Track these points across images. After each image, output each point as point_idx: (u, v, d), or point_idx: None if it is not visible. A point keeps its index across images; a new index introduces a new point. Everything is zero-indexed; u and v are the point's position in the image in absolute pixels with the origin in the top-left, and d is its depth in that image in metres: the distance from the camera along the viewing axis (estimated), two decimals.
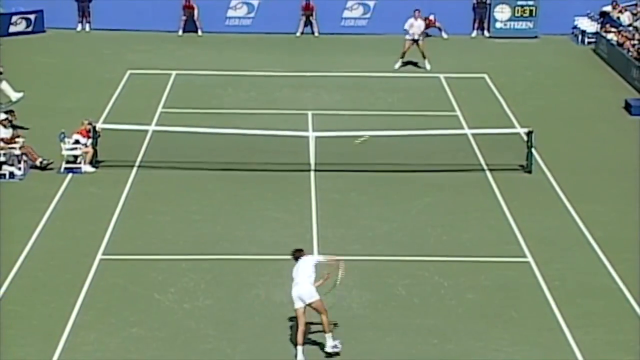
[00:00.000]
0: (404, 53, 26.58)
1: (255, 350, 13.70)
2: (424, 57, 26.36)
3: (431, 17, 29.94)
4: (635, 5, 29.68)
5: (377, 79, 26.34)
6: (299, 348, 13.32)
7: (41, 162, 19.71)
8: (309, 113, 23.26)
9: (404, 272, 15.91)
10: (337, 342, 13.55)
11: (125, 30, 30.21)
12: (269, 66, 27.21)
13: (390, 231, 17.36)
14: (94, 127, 20.01)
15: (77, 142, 19.77)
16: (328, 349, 13.53)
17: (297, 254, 13.80)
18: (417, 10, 26.59)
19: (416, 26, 26.37)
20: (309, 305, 13.39)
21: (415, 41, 26.43)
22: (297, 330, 13.37)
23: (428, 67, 26.25)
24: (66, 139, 19.66)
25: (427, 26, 29.30)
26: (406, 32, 26.53)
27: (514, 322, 14.46)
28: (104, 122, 21.66)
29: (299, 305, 13.39)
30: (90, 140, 19.75)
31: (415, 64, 26.52)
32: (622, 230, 17.52)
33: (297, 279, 13.46)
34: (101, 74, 26.26)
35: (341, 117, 23.02)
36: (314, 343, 13.67)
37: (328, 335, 13.51)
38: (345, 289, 15.26)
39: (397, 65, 26.39)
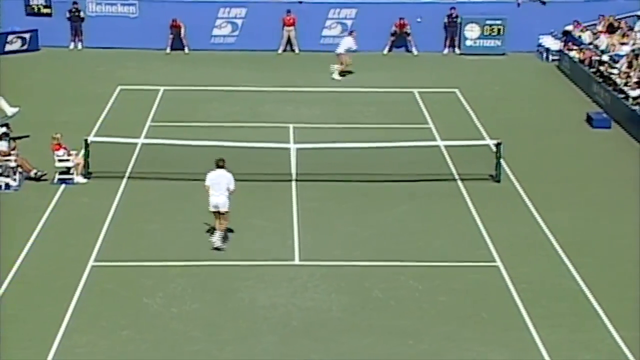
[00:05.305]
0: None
1: (241, 351, 13.67)
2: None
3: (404, 21, 30.07)
4: (595, 25, 29.95)
5: (355, 93, 26.40)
6: (217, 233, 16.55)
7: (35, 174, 19.60)
8: (291, 126, 23.26)
9: (381, 276, 15.92)
10: (221, 241, 16.44)
11: (115, 48, 30.13)
12: (252, 82, 27.20)
13: (367, 238, 17.38)
14: (86, 140, 19.95)
15: (58, 155, 19.62)
16: (214, 240, 16.46)
17: (221, 163, 16.56)
18: None
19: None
20: (220, 212, 16.41)
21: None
22: (216, 223, 16.60)
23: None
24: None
25: (399, 31, 29.89)
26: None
27: (484, 323, 14.51)
28: (96, 135, 21.57)
29: (214, 210, 16.46)
30: (62, 151, 19.55)
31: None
32: (585, 235, 17.63)
33: (217, 190, 16.31)
34: (93, 89, 26.16)
35: (321, 130, 23.03)
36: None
37: (219, 233, 16.55)
38: (325, 293, 15.29)
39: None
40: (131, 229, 17.56)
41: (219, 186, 16.37)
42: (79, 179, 19.63)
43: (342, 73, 27.70)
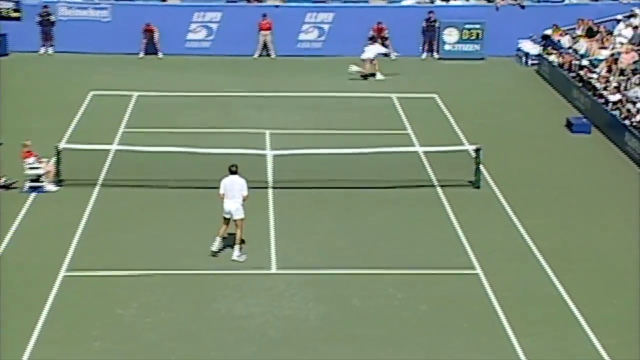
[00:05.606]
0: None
1: None
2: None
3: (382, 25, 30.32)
4: (574, 29, 30.23)
5: (332, 99, 26.46)
6: (217, 239, 16.52)
7: (5, 182, 19.47)
8: (267, 132, 23.28)
9: (359, 284, 15.96)
10: (241, 254, 16.40)
11: (87, 53, 30.00)
12: (227, 87, 27.20)
13: (345, 245, 17.41)
14: (57, 147, 19.86)
15: (28, 163, 19.51)
16: (234, 258, 16.41)
17: (234, 169, 16.44)
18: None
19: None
20: (233, 219, 16.38)
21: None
22: (221, 229, 16.53)
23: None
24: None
25: (377, 35, 30.07)
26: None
27: (464, 331, 14.58)
28: (67, 142, 21.46)
29: (227, 216, 16.41)
30: (33, 159, 19.47)
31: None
32: (565, 241, 17.78)
33: (231, 197, 16.30)
34: (64, 95, 26.03)
35: (298, 135, 23.06)
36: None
37: (236, 247, 16.44)
38: (303, 302, 15.30)
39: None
40: (104, 238, 17.49)
41: (232, 192, 16.37)
42: (50, 186, 19.53)
43: (365, 76, 28.25)
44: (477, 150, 20.15)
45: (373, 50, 28.56)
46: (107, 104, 25.41)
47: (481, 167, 20.25)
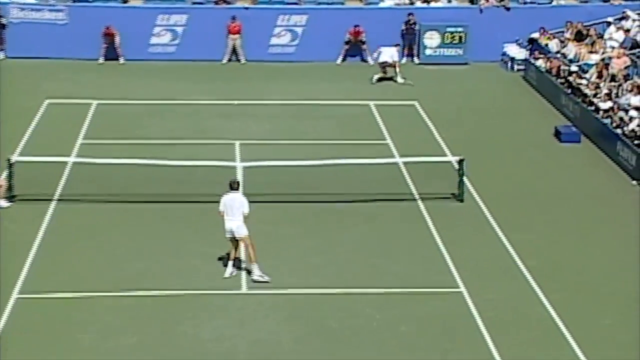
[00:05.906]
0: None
1: None
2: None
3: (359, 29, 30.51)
4: (562, 32, 30.55)
5: (307, 106, 26.55)
6: (230, 263, 16.63)
7: None
8: (237, 143, 23.31)
9: (336, 304, 16.01)
10: (262, 273, 16.40)
11: (42, 58, 29.90)
12: (194, 95, 27.22)
13: (321, 263, 17.46)
14: (9, 160, 19.76)
15: None
16: (255, 277, 16.40)
17: (236, 185, 16.71)
18: None
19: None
20: (235, 238, 16.45)
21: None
22: (231, 252, 16.64)
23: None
24: None
25: (353, 39, 30.34)
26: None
27: (447, 353, 14.66)
28: (21, 154, 21.37)
29: (229, 236, 16.47)
30: None
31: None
32: (554, 258, 17.92)
33: (231, 214, 16.37)
34: (17, 103, 25.90)
35: (270, 146, 23.12)
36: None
37: (254, 266, 16.42)
38: (275, 324, 15.32)
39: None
40: (60, 257, 17.41)
41: (232, 210, 16.40)
42: (2, 202, 19.43)
43: (380, 79, 28.65)
44: (460, 161, 20.29)
45: (389, 52, 28.72)
46: (63, 113, 25.33)
47: (465, 179, 20.38)
